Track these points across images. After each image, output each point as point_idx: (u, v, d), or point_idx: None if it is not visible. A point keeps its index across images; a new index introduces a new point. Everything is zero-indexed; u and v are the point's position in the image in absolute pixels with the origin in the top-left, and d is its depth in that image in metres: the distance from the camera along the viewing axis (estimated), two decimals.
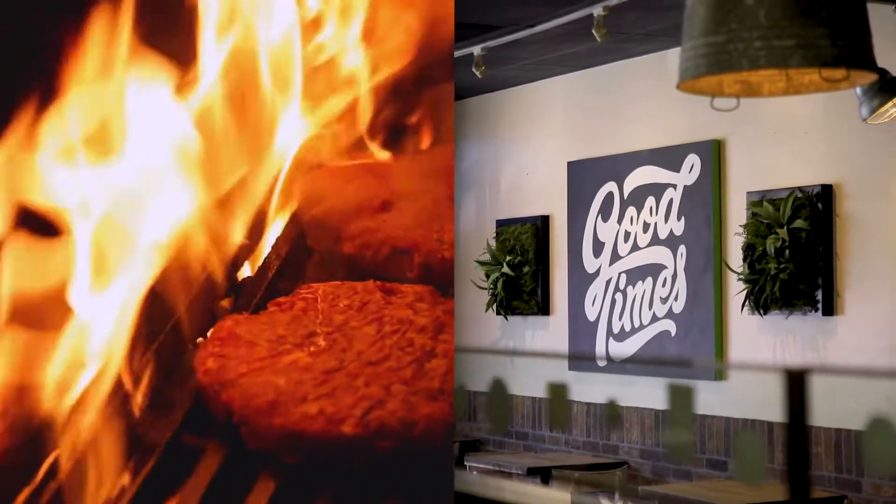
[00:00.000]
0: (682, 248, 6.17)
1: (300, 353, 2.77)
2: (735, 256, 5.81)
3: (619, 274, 6.56)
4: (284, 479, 2.66)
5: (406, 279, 3.08)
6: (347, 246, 3.19)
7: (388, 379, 2.69)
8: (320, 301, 2.94)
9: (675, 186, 6.23)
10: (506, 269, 7.10)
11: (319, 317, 2.90)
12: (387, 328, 2.85)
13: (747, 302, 5.66)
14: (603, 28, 5.31)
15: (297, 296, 2.98)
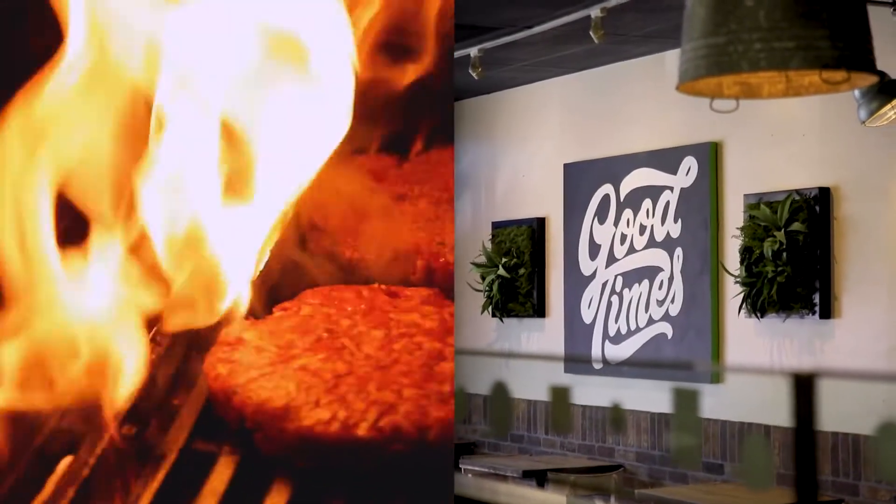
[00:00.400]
0: (679, 251, 6.16)
1: (309, 358, 2.77)
2: (732, 259, 5.80)
3: (616, 276, 6.55)
4: (299, 484, 2.66)
5: (409, 283, 3.08)
6: (349, 250, 3.18)
7: (399, 382, 2.68)
8: (326, 305, 2.94)
9: (671, 189, 6.22)
10: (501, 272, 7.08)
11: (326, 321, 2.89)
12: (394, 332, 2.85)
13: (744, 305, 5.64)
14: (600, 29, 5.30)
15: (301, 300, 2.97)
